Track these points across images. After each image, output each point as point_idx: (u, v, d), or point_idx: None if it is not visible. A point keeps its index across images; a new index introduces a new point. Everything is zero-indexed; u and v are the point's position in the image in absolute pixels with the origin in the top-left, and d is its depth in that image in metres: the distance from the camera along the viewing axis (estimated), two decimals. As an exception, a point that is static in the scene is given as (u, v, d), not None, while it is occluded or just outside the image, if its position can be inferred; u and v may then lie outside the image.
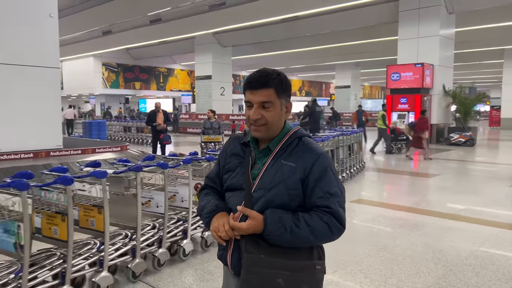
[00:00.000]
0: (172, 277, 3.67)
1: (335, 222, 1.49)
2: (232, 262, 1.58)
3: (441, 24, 15.31)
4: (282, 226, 1.45)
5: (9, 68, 6.57)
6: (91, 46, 26.49)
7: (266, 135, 1.58)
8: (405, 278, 3.70)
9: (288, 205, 1.51)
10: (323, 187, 1.52)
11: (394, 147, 13.60)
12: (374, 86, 49.73)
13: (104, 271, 3.23)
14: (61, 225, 2.97)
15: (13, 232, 2.73)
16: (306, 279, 1.47)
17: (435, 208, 6.34)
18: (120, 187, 3.62)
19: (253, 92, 1.55)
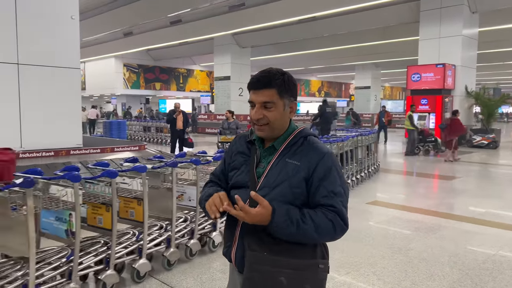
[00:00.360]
0: (185, 275, 3.71)
1: (339, 220, 1.50)
2: (236, 259, 1.59)
3: (464, 24, 14.98)
4: (289, 219, 1.45)
5: (30, 69, 6.76)
6: (113, 47, 26.96)
7: (270, 134, 1.59)
8: (419, 281, 3.64)
9: (292, 203, 1.51)
10: (327, 186, 1.52)
11: (422, 149, 13.24)
12: (395, 87, 49.04)
13: (142, 259, 3.52)
14: (106, 215, 3.30)
15: (65, 220, 3.03)
16: (309, 278, 1.47)
17: (453, 211, 6.22)
18: (157, 181, 3.90)
19: (255, 92, 1.57)
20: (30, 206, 2.67)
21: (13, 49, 6.57)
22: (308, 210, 1.50)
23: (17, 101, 6.68)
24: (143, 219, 3.49)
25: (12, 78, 6.63)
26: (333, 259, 4.17)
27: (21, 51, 6.65)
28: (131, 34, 23.99)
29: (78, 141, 7.49)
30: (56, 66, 7.03)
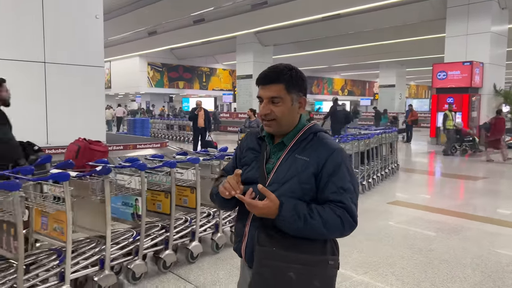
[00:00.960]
0: (202, 271, 3.75)
1: (348, 217, 1.49)
2: (246, 254, 1.60)
3: (493, 20, 14.53)
4: (296, 214, 1.45)
5: (56, 67, 6.94)
6: (137, 47, 27.40)
7: (278, 130, 1.60)
8: (439, 282, 3.57)
9: (301, 198, 1.51)
10: (336, 182, 1.51)
11: (459, 148, 12.88)
12: (420, 86, 48.04)
13: (195, 241, 3.91)
14: (165, 201, 3.67)
15: (131, 205, 3.47)
16: (318, 274, 1.46)
17: (478, 213, 6.05)
18: (207, 172, 4.25)
19: (263, 87, 1.58)
20: (107, 191, 3.02)
21: (40, 48, 6.76)
22: (316, 206, 1.49)
23: (44, 98, 6.87)
24: (196, 205, 3.83)
25: (39, 76, 6.83)
26: (351, 258, 4.17)
27: (47, 50, 6.84)
28: (155, 33, 24.33)
29: (101, 138, 7.65)
30: (81, 65, 7.20)
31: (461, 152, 12.77)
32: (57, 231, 2.88)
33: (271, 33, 22.32)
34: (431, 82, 16.28)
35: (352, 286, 3.47)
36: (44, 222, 3.00)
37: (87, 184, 3.08)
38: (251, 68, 23.76)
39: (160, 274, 3.63)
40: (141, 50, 28.43)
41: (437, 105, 15.87)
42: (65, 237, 2.79)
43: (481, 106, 15.34)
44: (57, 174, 2.81)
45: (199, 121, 11.50)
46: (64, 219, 2.79)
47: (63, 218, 2.81)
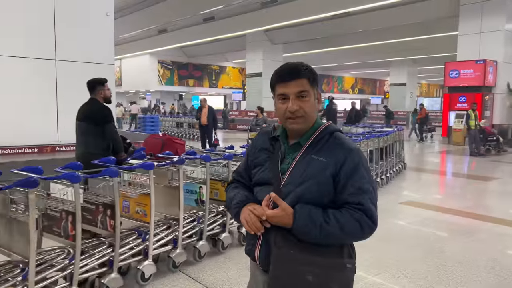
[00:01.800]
0: (212, 271, 3.72)
1: (366, 219, 1.44)
2: (260, 257, 1.56)
3: (507, 18, 14.29)
4: (311, 222, 1.41)
5: (67, 65, 6.97)
6: (148, 45, 27.53)
7: (303, 126, 1.55)
8: (453, 285, 3.49)
9: (318, 200, 1.47)
10: (354, 183, 1.47)
11: (483, 148, 12.62)
12: (432, 84, 47.56)
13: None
14: (221, 189, 4.08)
15: (195, 192, 3.94)
16: (335, 277, 1.43)
17: (492, 214, 5.94)
18: None
19: (287, 84, 1.52)
20: (181, 178, 3.54)
21: (51, 46, 6.80)
22: (333, 211, 1.45)
23: (55, 96, 6.91)
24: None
25: (50, 74, 6.87)
26: (363, 259, 4.11)
27: (58, 48, 6.88)
28: (165, 31, 24.42)
29: (112, 136, 7.68)
30: (91, 62, 7.22)
31: (485, 151, 12.55)
32: (139, 213, 3.33)
33: (281, 31, 22.25)
34: (443, 80, 16.09)
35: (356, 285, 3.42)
36: (125, 206, 3.45)
37: (164, 172, 3.72)
38: (261, 66, 23.72)
39: (169, 274, 3.60)
40: (152, 48, 28.57)
41: (449, 104, 15.67)
42: (149, 218, 3.25)
43: (494, 105, 15.11)
44: (145, 163, 3.31)
45: (202, 118, 11.45)
46: (147, 202, 3.24)
47: (146, 201, 3.26)
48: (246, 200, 1.58)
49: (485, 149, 12.58)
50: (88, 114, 4.42)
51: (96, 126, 4.33)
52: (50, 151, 6.77)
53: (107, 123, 4.35)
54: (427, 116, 18.07)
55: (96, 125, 4.33)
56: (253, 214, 1.48)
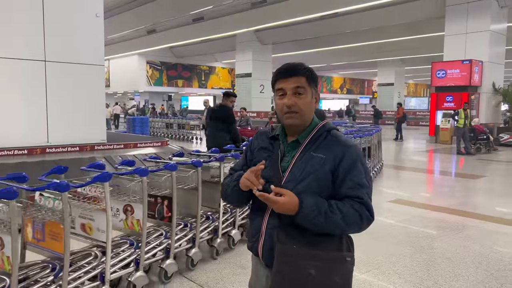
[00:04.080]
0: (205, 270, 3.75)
1: (365, 211, 1.53)
2: (263, 252, 1.61)
3: (492, 19, 14.56)
4: (317, 209, 1.47)
5: (56, 66, 6.92)
6: (136, 45, 27.37)
7: (299, 122, 1.61)
8: (442, 281, 3.57)
9: (318, 195, 1.53)
10: (353, 178, 1.54)
11: (473, 146, 12.80)
12: (419, 84, 48.09)
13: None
14: None
15: None
16: (337, 270, 1.49)
17: (478, 211, 6.07)
18: None
19: (285, 80, 1.60)
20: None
21: (40, 47, 6.74)
22: (335, 201, 1.51)
23: (44, 97, 6.85)
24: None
25: (39, 75, 6.80)
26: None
27: (48, 49, 6.82)
28: (154, 31, 24.30)
29: (102, 137, 7.64)
30: (81, 63, 7.18)
31: (475, 150, 12.74)
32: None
33: (271, 31, 22.32)
34: (430, 80, 16.32)
35: (355, 285, 3.47)
36: None
37: None
38: (251, 66, 23.75)
39: (164, 273, 3.62)
40: (140, 49, 28.41)
41: (436, 104, 15.90)
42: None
43: (480, 105, 15.37)
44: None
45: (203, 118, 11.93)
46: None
47: None
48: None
49: (476, 148, 12.79)
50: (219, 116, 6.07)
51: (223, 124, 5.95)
52: (40, 152, 6.71)
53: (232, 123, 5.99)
54: (405, 115, 18.34)
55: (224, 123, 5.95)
56: (247, 174, 1.54)
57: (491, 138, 13.08)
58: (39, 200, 2.75)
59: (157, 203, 3.53)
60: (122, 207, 3.24)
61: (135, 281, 3.08)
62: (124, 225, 3.23)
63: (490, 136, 13.08)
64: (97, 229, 2.93)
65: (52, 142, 6.93)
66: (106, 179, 2.73)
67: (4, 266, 2.41)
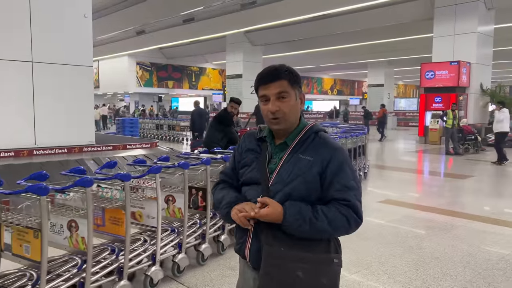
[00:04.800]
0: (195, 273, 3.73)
1: (353, 214, 1.52)
2: (250, 255, 1.60)
3: (479, 21, 14.73)
4: (301, 218, 1.47)
5: (43, 67, 6.84)
6: (126, 46, 27.16)
7: (285, 126, 1.60)
8: (431, 280, 3.60)
9: (306, 198, 1.53)
10: (340, 180, 1.54)
11: (461, 147, 12.91)
12: (408, 85, 48.46)
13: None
14: None
15: None
16: (324, 271, 1.49)
17: (466, 210, 6.13)
18: None
19: (267, 86, 1.58)
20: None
21: (27, 48, 6.67)
22: (321, 207, 1.51)
23: (31, 99, 6.77)
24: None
25: (26, 76, 6.73)
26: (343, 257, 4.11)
27: (35, 50, 6.74)
28: (144, 32, 24.15)
29: (90, 139, 7.58)
30: (69, 64, 7.12)
31: (464, 150, 12.85)
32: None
33: (261, 32, 22.32)
34: (419, 81, 16.45)
35: (345, 285, 3.48)
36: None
37: None
38: (241, 67, 23.72)
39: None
40: (130, 50, 28.21)
41: (425, 105, 16.04)
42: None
43: (468, 105, 15.54)
44: None
45: None
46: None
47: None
48: (236, 200, 1.61)
49: (464, 148, 12.91)
50: None
51: None
52: (27, 155, 6.63)
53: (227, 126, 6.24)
54: (385, 115, 18.60)
55: None
56: (241, 214, 1.52)
57: (479, 139, 13.22)
58: (97, 191, 3.14)
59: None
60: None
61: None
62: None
63: (478, 137, 13.22)
64: (147, 216, 3.47)
65: (40, 144, 6.86)
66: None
67: (79, 246, 2.77)
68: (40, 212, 2.46)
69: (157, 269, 3.33)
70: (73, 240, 2.81)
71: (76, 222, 2.79)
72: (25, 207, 2.62)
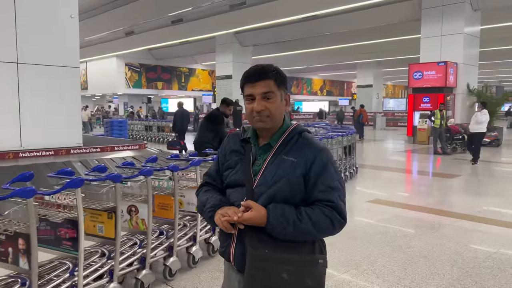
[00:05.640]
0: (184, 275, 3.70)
1: (336, 215, 1.51)
2: (235, 257, 1.59)
3: (466, 22, 14.90)
4: (285, 220, 1.46)
5: (30, 68, 6.75)
6: (115, 47, 26.96)
7: (270, 125, 1.59)
8: (419, 279, 3.62)
9: (290, 199, 1.52)
10: (324, 181, 1.53)
11: (449, 147, 13.02)
12: (397, 85, 48.89)
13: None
14: None
15: None
16: (309, 273, 1.48)
17: (454, 209, 6.19)
18: None
19: (253, 84, 1.57)
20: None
21: (12, 48, 6.57)
22: (305, 208, 1.50)
23: (17, 100, 6.67)
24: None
25: (11, 77, 6.63)
26: (333, 257, 4.19)
27: (20, 50, 6.65)
28: (133, 33, 24.00)
29: (78, 140, 7.49)
30: (55, 65, 7.03)
31: (451, 150, 12.96)
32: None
33: (250, 33, 22.32)
34: (408, 82, 16.58)
35: (334, 285, 3.49)
36: None
37: None
38: (231, 68, 23.71)
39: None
40: (118, 51, 27.99)
41: (413, 105, 16.18)
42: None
43: (456, 105, 15.71)
44: None
45: None
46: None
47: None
48: (220, 203, 1.60)
49: (452, 148, 13.04)
50: None
51: None
52: (13, 157, 6.53)
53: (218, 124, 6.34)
54: (360, 115, 18.89)
55: None
56: (224, 218, 1.50)
57: (466, 138, 13.36)
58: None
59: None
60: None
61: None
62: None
63: (465, 136, 13.37)
64: (188, 203, 3.85)
65: (26, 146, 6.76)
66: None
67: (139, 227, 3.28)
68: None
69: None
70: (133, 222, 3.31)
71: (136, 206, 3.28)
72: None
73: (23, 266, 2.49)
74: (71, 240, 2.73)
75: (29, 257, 2.44)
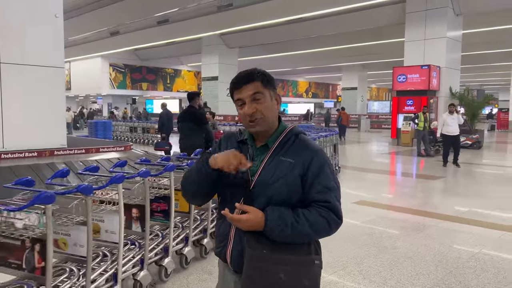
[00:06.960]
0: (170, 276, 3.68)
1: (333, 216, 1.54)
2: (232, 258, 1.59)
3: (448, 26, 15.19)
4: (283, 223, 1.48)
5: (13, 68, 6.63)
6: (99, 47, 26.67)
7: (263, 128, 1.60)
8: (405, 279, 3.67)
9: (288, 200, 1.53)
10: (321, 182, 1.55)
11: (432, 149, 13.20)
12: (381, 88, 49.49)
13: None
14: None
15: None
16: (306, 273, 1.50)
17: (438, 210, 6.29)
18: None
19: (241, 90, 1.59)
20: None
21: (-6, 48, 6.45)
22: (302, 210, 1.52)
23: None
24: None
25: (-6, 77, 6.50)
26: (319, 258, 4.20)
27: (3, 50, 6.52)
28: (118, 33, 23.77)
29: (62, 142, 7.37)
30: (39, 65, 6.91)
31: (434, 152, 13.16)
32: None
33: (237, 35, 22.34)
34: (392, 84, 16.81)
35: (321, 286, 3.49)
36: None
37: None
38: (217, 70, 23.68)
39: (127, 281, 3.52)
40: (103, 51, 27.71)
41: (397, 107, 16.41)
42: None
43: (439, 108, 15.98)
44: None
45: None
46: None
47: None
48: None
49: (435, 150, 13.25)
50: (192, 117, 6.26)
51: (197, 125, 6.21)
52: (-5, 158, 6.40)
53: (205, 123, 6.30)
54: (339, 117, 19.25)
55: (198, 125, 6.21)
56: (232, 166, 1.48)
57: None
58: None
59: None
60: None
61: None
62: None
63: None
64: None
65: (8, 148, 6.63)
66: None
67: None
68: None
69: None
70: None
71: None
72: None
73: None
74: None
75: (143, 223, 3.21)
